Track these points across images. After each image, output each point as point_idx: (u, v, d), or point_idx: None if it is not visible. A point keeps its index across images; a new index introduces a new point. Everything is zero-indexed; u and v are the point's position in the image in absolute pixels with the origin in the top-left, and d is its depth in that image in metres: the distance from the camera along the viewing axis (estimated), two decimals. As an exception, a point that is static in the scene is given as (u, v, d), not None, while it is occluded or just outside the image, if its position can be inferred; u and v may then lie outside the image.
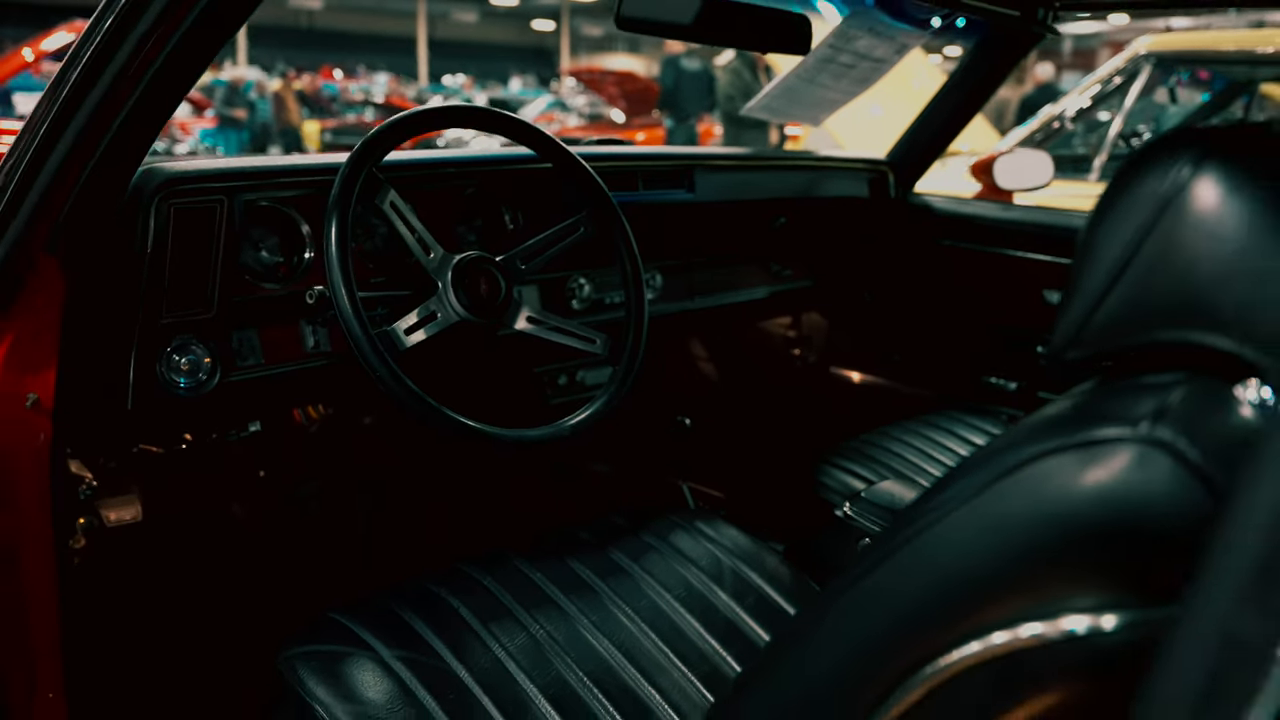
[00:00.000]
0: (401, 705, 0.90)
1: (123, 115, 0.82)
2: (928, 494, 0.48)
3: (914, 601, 0.45)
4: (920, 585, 0.44)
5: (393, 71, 35.43)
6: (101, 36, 0.79)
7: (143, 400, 1.05)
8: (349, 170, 1.01)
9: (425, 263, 1.08)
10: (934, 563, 0.44)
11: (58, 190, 0.86)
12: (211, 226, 1.06)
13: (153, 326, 1.04)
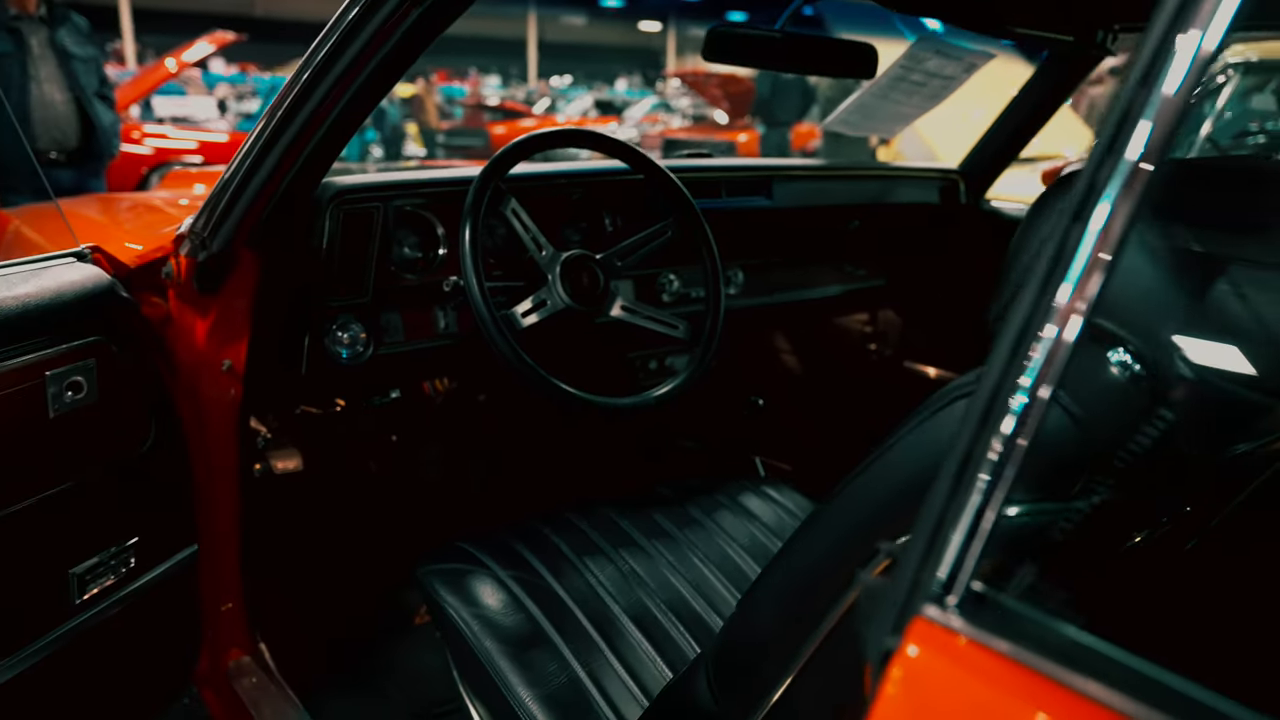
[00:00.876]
0: (512, 611, 1.12)
1: (312, 144, 1.06)
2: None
3: (873, 504, 0.63)
4: (876, 493, 0.63)
5: (503, 74, 36.32)
6: (300, 85, 1.03)
7: (314, 367, 1.31)
8: (480, 184, 1.24)
9: (538, 259, 1.30)
10: (884, 477, 0.62)
11: (261, 198, 1.11)
12: (369, 228, 1.30)
13: (323, 308, 1.30)
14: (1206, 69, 0.40)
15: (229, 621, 1.38)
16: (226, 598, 1.38)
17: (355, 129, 1.09)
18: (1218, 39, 0.39)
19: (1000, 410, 0.42)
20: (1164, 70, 0.40)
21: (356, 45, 0.97)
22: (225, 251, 1.16)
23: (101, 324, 1.07)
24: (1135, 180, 0.41)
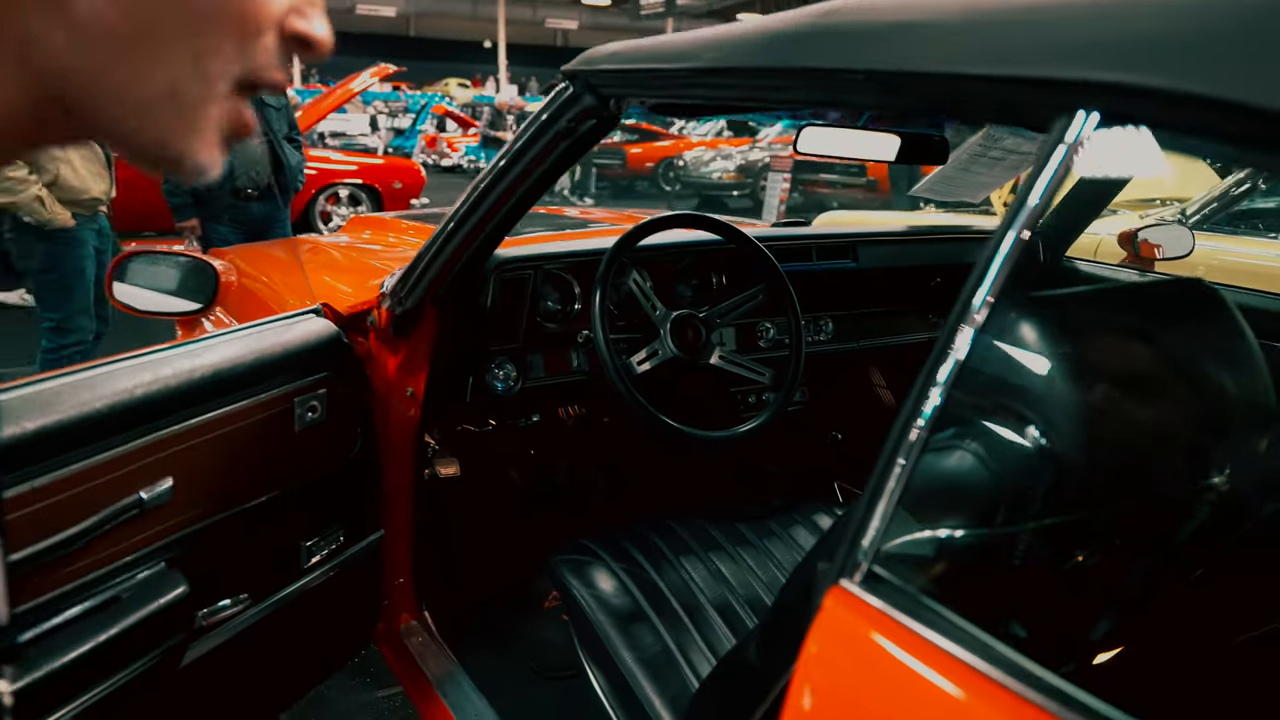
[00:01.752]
0: (621, 595, 1.45)
1: (485, 233, 1.42)
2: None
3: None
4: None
5: (639, 87, 36.99)
6: (479, 189, 1.38)
7: (475, 396, 1.67)
8: (608, 259, 1.57)
9: (652, 316, 1.62)
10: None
11: (445, 270, 1.47)
12: (523, 289, 1.66)
13: (485, 351, 1.66)
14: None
15: (402, 593, 1.75)
16: (400, 574, 1.75)
17: (517, 221, 1.43)
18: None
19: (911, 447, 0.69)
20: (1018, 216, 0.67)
21: (521, 165, 1.31)
22: (416, 308, 1.53)
23: (330, 362, 1.45)
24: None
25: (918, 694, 0.62)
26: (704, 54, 1.00)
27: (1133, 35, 0.59)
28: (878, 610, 0.66)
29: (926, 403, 0.68)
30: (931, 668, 0.62)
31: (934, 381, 0.68)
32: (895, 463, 0.69)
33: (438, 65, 35.60)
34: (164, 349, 1.22)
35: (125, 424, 1.10)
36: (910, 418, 0.68)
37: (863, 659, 0.66)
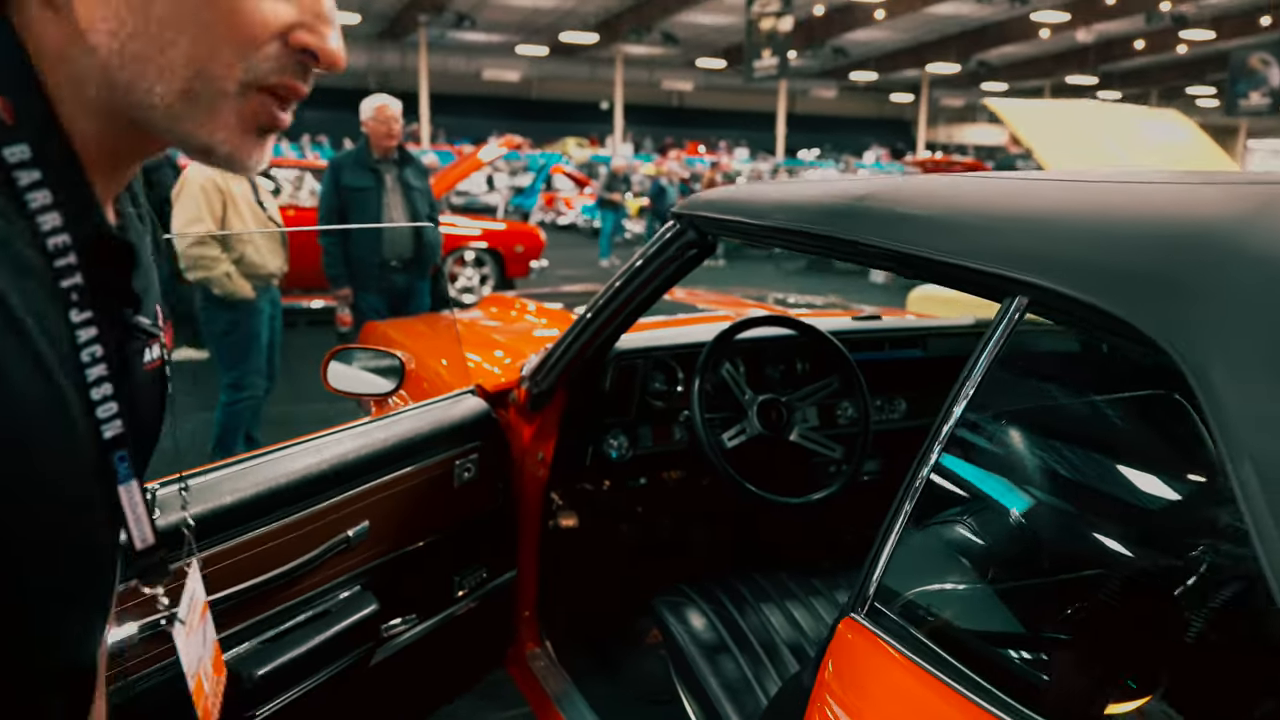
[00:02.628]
0: (709, 631, 1.75)
1: (605, 333, 1.77)
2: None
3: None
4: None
5: (752, 146, 37.54)
6: (603, 299, 1.74)
7: (594, 461, 2.01)
8: (706, 354, 1.91)
9: (741, 400, 1.95)
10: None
11: (574, 360, 1.83)
12: (635, 374, 2.01)
13: (602, 424, 2.01)
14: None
15: (528, 624, 2.10)
16: (527, 607, 2.09)
17: (632, 324, 1.79)
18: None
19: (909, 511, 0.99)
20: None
21: (637, 282, 1.67)
22: (549, 389, 1.90)
23: (481, 433, 1.82)
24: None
25: (902, 706, 0.92)
26: (775, 215, 1.33)
27: (1045, 254, 0.90)
28: (877, 637, 0.96)
29: (922, 474, 0.98)
30: (914, 684, 0.91)
31: (926, 461, 0.98)
32: (897, 520, 0.99)
33: (557, 125, 37.03)
34: (365, 423, 1.62)
35: (341, 480, 1.49)
36: (910, 484, 0.98)
37: (861, 676, 0.96)
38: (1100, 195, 0.95)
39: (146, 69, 0.53)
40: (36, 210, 0.50)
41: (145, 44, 0.52)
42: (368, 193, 4.35)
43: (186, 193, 3.59)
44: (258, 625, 1.39)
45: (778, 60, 25.10)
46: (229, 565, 1.32)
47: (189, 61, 0.53)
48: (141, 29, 0.52)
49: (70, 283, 0.51)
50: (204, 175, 3.60)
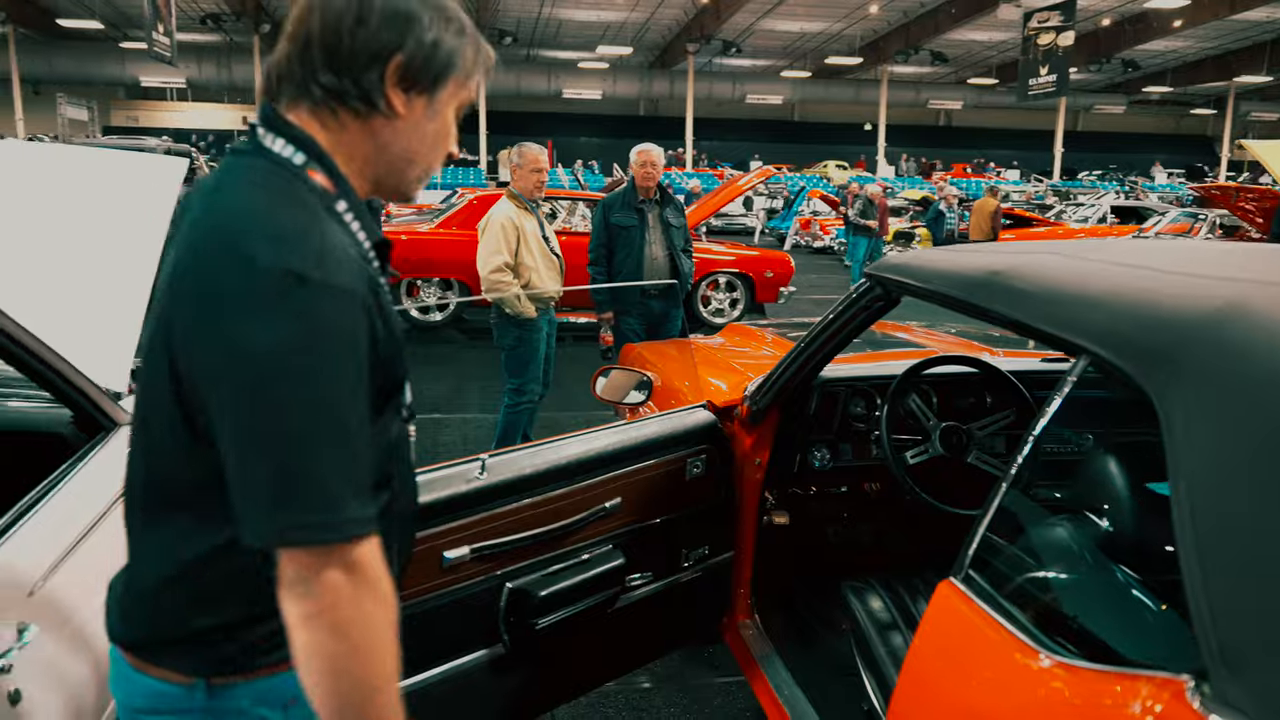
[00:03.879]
0: (883, 610, 2.13)
1: (813, 363, 2.20)
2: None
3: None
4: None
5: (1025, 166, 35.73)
6: (811, 336, 2.17)
7: (800, 469, 2.45)
8: (897, 384, 2.28)
9: (925, 425, 2.30)
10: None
11: (788, 386, 2.28)
12: (837, 399, 2.42)
13: (808, 438, 2.44)
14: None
15: (742, 599, 2.55)
16: (742, 586, 2.55)
17: (832, 359, 2.21)
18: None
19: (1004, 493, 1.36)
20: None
21: (835, 325, 2.09)
22: (766, 408, 2.35)
23: (709, 439, 2.30)
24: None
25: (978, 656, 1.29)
26: (934, 281, 1.72)
27: (1094, 329, 1.25)
28: (968, 600, 1.34)
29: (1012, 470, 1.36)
30: (991, 639, 1.28)
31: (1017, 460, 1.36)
32: (993, 503, 1.36)
33: (817, 148, 37.16)
34: (621, 425, 2.15)
35: (602, 465, 2.03)
36: (1007, 476, 1.36)
37: (949, 630, 1.35)
38: (1143, 281, 1.28)
39: (405, 171, 1.11)
40: (354, 231, 1.05)
41: (404, 162, 1.10)
42: (632, 230, 4.98)
43: (490, 229, 4.39)
44: (542, 562, 1.95)
45: (1055, 77, 23.96)
46: (525, 517, 1.89)
47: (422, 172, 1.12)
48: (412, 152, 1.09)
49: (375, 265, 1.06)
50: (504, 215, 4.39)
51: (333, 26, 1.02)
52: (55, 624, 1.64)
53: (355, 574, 0.91)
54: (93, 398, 2.18)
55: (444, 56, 1.07)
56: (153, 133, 26.00)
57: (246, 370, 0.89)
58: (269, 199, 0.97)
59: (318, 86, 1.03)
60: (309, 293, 0.90)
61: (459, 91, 1.11)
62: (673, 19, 29.46)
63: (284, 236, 0.93)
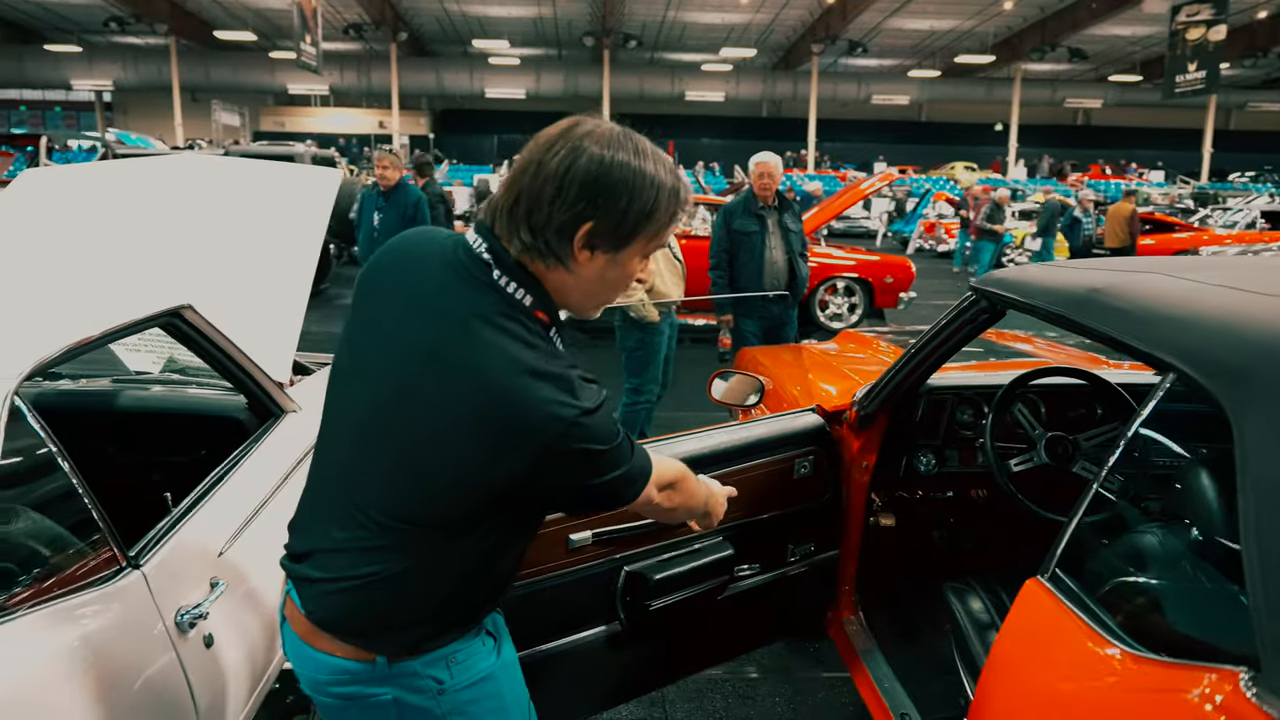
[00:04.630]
0: (982, 611, 2.20)
1: (920, 371, 2.29)
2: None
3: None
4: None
5: (1169, 167, 33.92)
6: (917, 347, 2.26)
7: (906, 472, 2.53)
8: (1002, 395, 2.35)
9: (1030, 435, 2.36)
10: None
11: (895, 392, 2.37)
12: (944, 406, 2.50)
13: (914, 443, 2.52)
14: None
15: (846, 596, 2.66)
16: (847, 583, 2.65)
17: (938, 368, 2.29)
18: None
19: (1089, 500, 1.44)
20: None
21: (942, 336, 2.18)
22: (874, 413, 2.45)
23: (817, 441, 2.42)
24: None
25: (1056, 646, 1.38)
26: (1038, 298, 1.80)
27: (1179, 348, 1.33)
28: (1051, 595, 1.43)
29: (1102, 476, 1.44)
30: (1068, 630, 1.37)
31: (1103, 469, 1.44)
32: (1081, 507, 1.45)
33: (945, 149, 36.23)
34: (735, 425, 2.30)
35: (715, 461, 2.18)
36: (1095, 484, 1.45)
37: (1032, 623, 1.44)
38: (1229, 302, 1.35)
39: (581, 305, 1.29)
40: (562, 354, 1.22)
41: (582, 298, 1.28)
42: (753, 235, 5.13)
43: None
44: (659, 549, 2.11)
45: (1205, 73, 22.73)
46: None
47: (600, 304, 1.30)
48: (592, 294, 1.27)
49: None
50: None
51: (537, 192, 1.17)
52: (238, 581, 1.90)
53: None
54: (265, 387, 2.46)
55: (632, 222, 1.20)
56: (298, 137, 27.56)
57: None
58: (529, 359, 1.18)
59: (518, 239, 1.20)
60: (589, 418, 1.18)
61: (648, 243, 1.25)
62: (797, 20, 29.27)
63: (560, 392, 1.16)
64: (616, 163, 1.16)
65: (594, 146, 1.17)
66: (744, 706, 2.88)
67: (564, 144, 1.17)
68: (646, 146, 1.22)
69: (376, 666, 1.26)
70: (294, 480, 2.30)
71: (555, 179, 1.15)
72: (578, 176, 1.15)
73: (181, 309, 2.18)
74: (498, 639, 1.39)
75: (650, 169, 1.19)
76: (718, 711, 2.85)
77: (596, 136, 1.18)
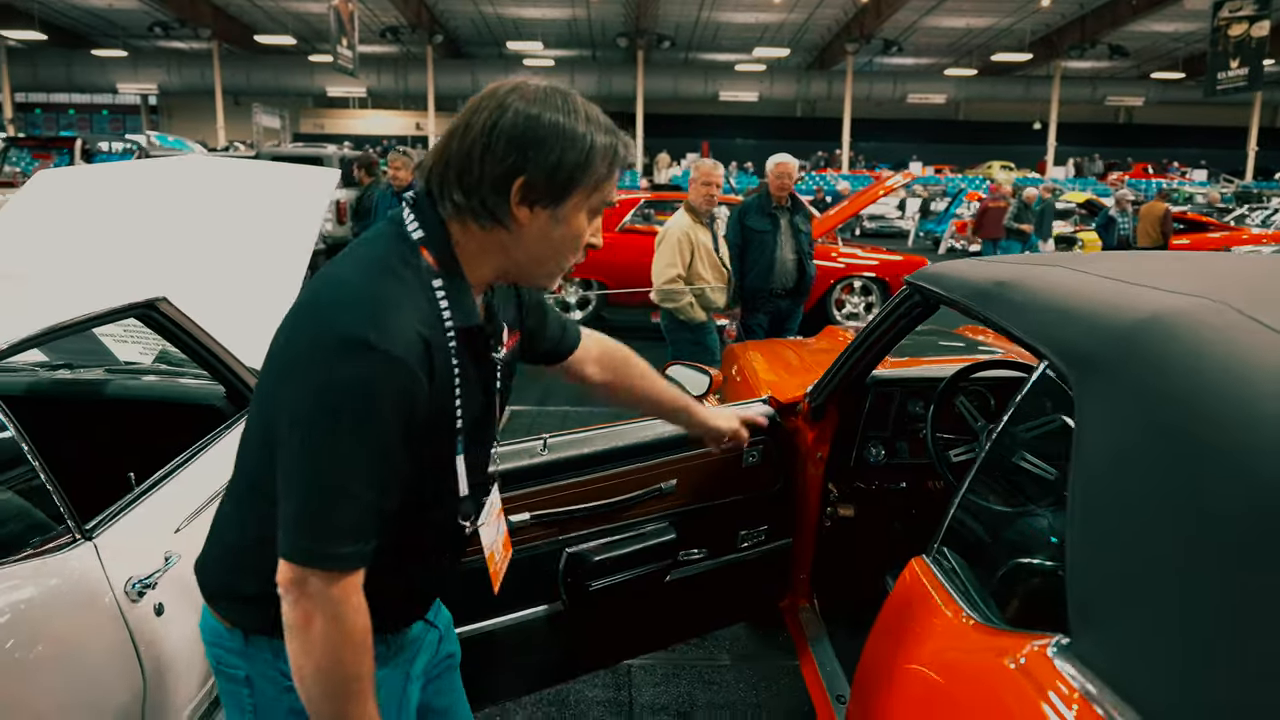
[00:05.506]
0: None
1: (863, 364, 2.35)
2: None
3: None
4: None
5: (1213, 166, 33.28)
6: (862, 338, 2.33)
7: (856, 463, 2.59)
8: (945, 386, 2.40)
9: (974, 426, 2.41)
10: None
11: (841, 385, 2.44)
12: (892, 400, 2.55)
13: (864, 436, 2.58)
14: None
15: (803, 584, 2.72)
16: (803, 572, 2.72)
17: (878, 361, 2.35)
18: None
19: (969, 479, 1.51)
20: None
21: (881, 329, 2.24)
22: (823, 405, 2.52)
23: (768, 430, 2.49)
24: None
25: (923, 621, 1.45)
26: (955, 290, 1.86)
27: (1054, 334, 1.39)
28: (929, 571, 1.50)
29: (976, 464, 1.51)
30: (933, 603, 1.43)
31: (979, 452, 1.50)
32: (959, 494, 1.52)
33: (982, 148, 35.84)
34: (680, 414, 2.38)
35: (659, 449, 2.26)
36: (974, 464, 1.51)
37: (908, 598, 1.51)
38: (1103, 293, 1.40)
39: (532, 270, 1.26)
40: (441, 308, 1.18)
41: (531, 263, 1.24)
42: (766, 234, 5.25)
43: (666, 243, 4.84)
44: (600, 532, 2.19)
45: (1248, 70, 22.28)
46: (583, 492, 2.14)
47: (552, 269, 1.26)
48: (539, 258, 1.23)
49: (450, 339, 1.19)
50: (680, 230, 4.81)
51: (466, 152, 1.16)
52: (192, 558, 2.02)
53: (327, 602, 1.09)
54: (242, 377, 2.59)
55: (566, 174, 1.17)
56: (335, 139, 28.00)
57: (295, 421, 1.11)
58: (362, 272, 1.16)
59: (449, 202, 1.19)
60: (356, 354, 1.08)
61: (589, 198, 1.21)
62: (832, 19, 29.17)
63: (355, 305, 1.12)
64: (544, 117, 1.16)
65: (519, 103, 1.16)
66: (708, 691, 2.95)
67: (490, 102, 1.17)
68: (578, 103, 1.20)
69: (235, 636, 1.27)
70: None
71: (483, 135, 1.15)
72: (504, 130, 1.15)
73: (156, 301, 2.30)
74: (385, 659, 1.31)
75: (580, 125, 1.18)
76: (682, 694, 2.93)
77: (523, 93, 1.18)
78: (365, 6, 26.29)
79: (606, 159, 1.21)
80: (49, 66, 31.27)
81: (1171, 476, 1.01)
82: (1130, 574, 1.02)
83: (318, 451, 1.09)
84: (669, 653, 3.12)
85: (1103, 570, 1.05)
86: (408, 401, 1.13)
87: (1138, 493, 1.05)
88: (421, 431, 1.17)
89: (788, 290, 5.32)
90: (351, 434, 1.09)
